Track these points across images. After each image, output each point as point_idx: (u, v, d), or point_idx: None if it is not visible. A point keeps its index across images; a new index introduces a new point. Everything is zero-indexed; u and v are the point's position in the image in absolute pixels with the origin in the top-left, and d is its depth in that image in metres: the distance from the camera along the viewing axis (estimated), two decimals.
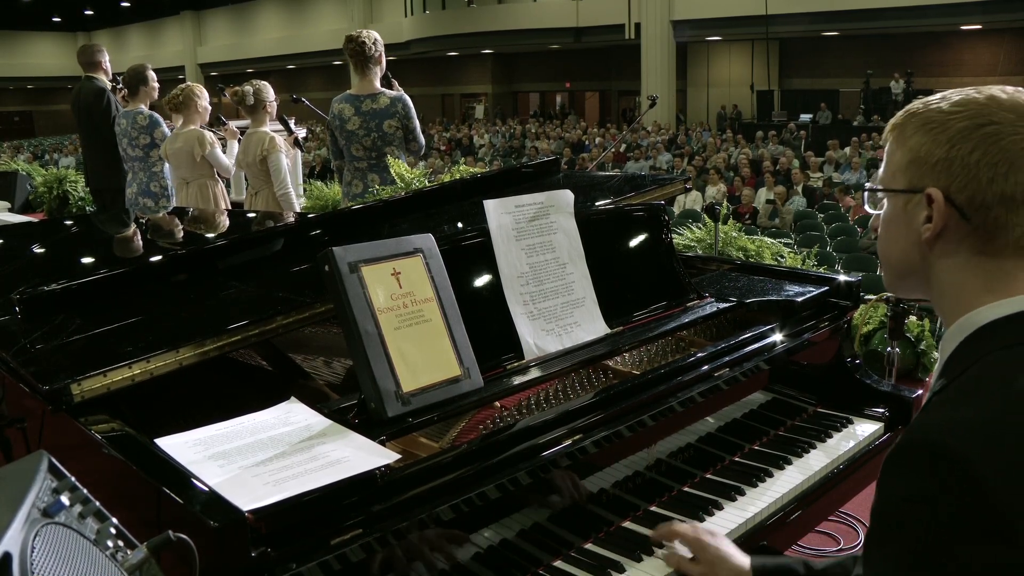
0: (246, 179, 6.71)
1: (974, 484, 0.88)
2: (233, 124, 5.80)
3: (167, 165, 5.52)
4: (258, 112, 4.90)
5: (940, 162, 1.06)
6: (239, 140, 5.62)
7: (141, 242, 3.12)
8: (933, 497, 0.91)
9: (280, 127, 5.45)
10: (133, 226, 3.45)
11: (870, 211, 1.21)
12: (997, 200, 1.03)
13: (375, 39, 4.60)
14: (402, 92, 4.72)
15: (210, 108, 5.42)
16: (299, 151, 5.31)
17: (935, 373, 1.13)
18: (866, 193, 1.21)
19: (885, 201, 1.16)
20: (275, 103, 4.99)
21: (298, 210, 4.92)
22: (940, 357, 1.12)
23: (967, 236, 1.06)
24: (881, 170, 1.18)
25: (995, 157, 1.03)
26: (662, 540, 1.57)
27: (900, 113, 1.16)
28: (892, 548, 0.94)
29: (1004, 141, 1.03)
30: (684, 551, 1.54)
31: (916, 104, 1.15)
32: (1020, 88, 1.09)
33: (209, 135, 5.21)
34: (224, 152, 5.34)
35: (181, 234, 3.22)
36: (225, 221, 3.43)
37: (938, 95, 1.13)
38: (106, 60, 6.23)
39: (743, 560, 1.47)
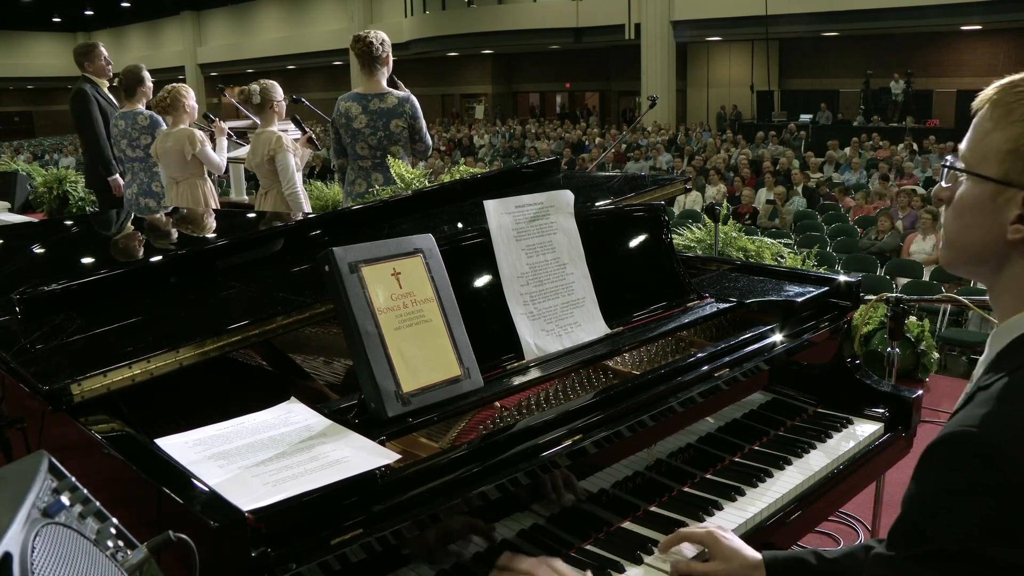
0: (245, 178, 6.71)
1: (1016, 484, 0.87)
2: (225, 124, 5.81)
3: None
4: (265, 111, 4.87)
5: None
6: (228, 136, 5.63)
7: (141, 242, 3.12)
8: (974, 492, 0.90)
9: (291, 126, 5.45)
10: (131, 226, 3.45)
11: (943, 185, 1.13)
12: None
13: (383, 40, 4.60)
14: (409, 92, 4.73)
15: (197, 107, 5.42)
16: (312, 150, 5.27)
17: (981, 366, 1.10)
18: (945, 168, 1.13)
19: (965, 181, 1.08)
20: (283, 102, 4.98)
21: (307, 209, 4.88)
22: (988, 350, 1.09)
23: None
24: (967, 144, 1.09)
25: None
26: (671, 546, 1.56)
27: (1004, 86, 1.07)
28: (926, 538, 0.93)
29: None
30: (690, 552, 1.54)
31: (1023, 83, 1.05)
32: None
33: (200, 133, 5.21)
34: (214, 149, 5.34)
35: (181, 234, 3.22)
36: (223, 221, 3.42)
37: None
38: (98, 60, 6.18)
39: (754, 554, 1.47)
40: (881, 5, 18.89)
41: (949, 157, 1.14)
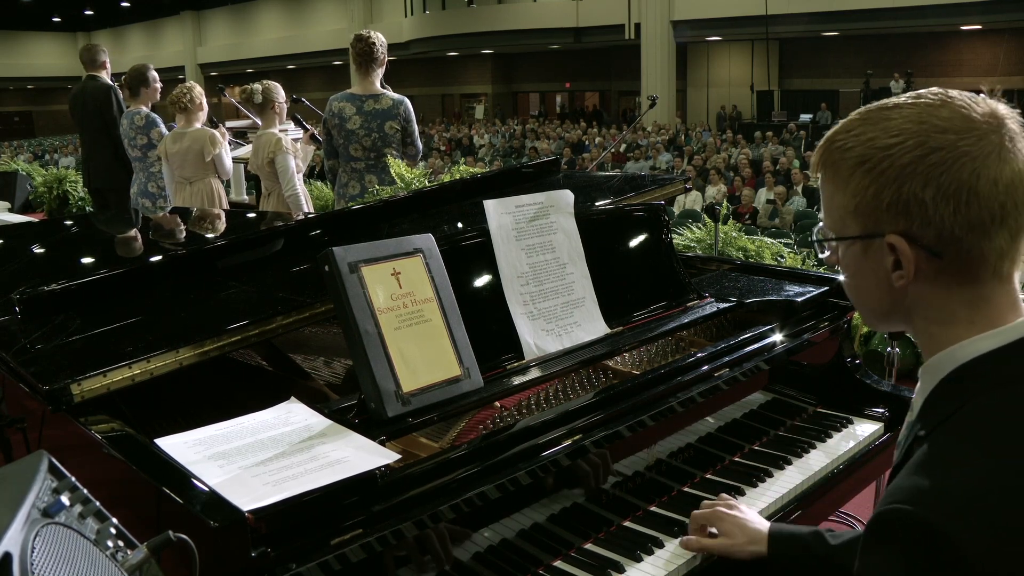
0: (245, 178, 6.70)
1: (959, 563, 0.85)
2: (225, 127, 5.81)
3: (164, 166, 5.48)
4: (267, 112, 4.85)
5: (892, 205, 0.98)
6: (230, 143, 5.63)
7: (142, 242, 3.12)
8: (919, 573, 0.87)
9: (293, 126, 5.44)
10: (134, 226, 3.45)
11: (827, 254, 1.12)
12: (966, 230, 0.96)
13: (382, 42, 4.61)
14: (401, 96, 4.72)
15: (207, 110, 5.43)
16: (315, 147, 5.26)
17: (918, 396, 1.07)
18: (815, 243, 1.13)
19: (840, 247, 1.08)
20: (285, 104, 4.97)
21: (308, 211, 4.87)
22: (920, 385, 1.06)
23: (942, 271, 0.99)
24: (823, 212, 1.09)
25: (950, 188, 0.95)
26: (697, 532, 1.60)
27: (824, 146, 1.06)
28: None
29: (955, 167, 0.95)
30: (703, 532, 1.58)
31: (839, 136, 1.05)
32: (947, 92, 1.01)
33: (219, 136, 5.20)
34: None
35: (183, 234, 3.22)
36: (228, 221, 3.43)
37: (857, 119, 1.05)
38: (108, 60, 6.24)
39: (762, 525, 1.52)
40: (881, 5, 18.88)
41: (816, 229, 1.13)
